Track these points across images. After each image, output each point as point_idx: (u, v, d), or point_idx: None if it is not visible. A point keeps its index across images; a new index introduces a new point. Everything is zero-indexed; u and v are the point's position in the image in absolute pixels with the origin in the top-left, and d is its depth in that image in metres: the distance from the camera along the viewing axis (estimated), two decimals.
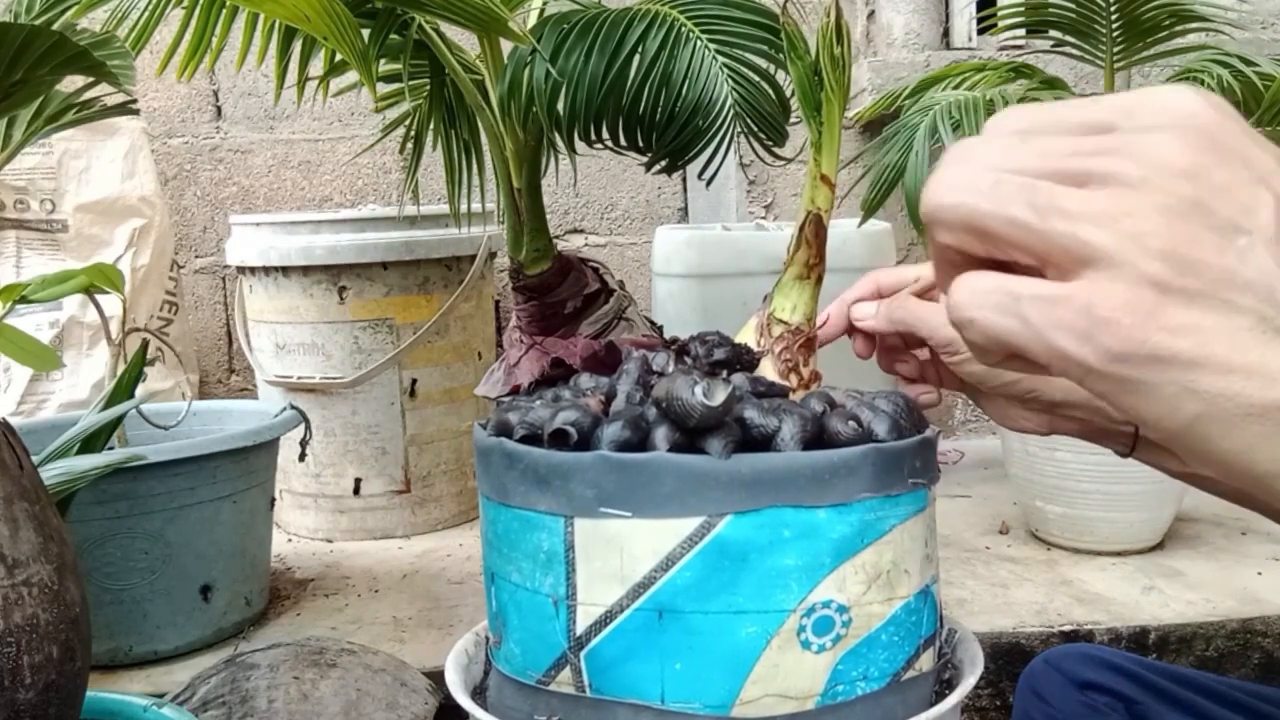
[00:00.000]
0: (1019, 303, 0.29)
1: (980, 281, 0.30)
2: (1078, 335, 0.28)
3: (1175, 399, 0.28)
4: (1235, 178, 0.29)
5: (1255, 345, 0.28)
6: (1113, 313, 0.28)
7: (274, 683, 0.92)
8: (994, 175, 0.30)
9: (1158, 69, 1.45)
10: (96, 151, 1.66)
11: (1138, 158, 0.29)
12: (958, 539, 1.41)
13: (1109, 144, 0.30)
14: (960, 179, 0.31)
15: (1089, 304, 0.28)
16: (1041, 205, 0.29)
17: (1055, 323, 0.29)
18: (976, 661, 0.47)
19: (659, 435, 0.39)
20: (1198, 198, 0.28)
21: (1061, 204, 0.29)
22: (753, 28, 0.90)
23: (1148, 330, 0.28)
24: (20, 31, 0.52)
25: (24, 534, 0.56)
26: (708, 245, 1.61)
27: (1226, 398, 0.28)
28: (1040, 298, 0.29)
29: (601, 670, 0.40)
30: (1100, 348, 0.28)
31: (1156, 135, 0.29)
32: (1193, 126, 0.29)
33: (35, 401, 1.58)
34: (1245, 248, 0.28)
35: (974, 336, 0.30)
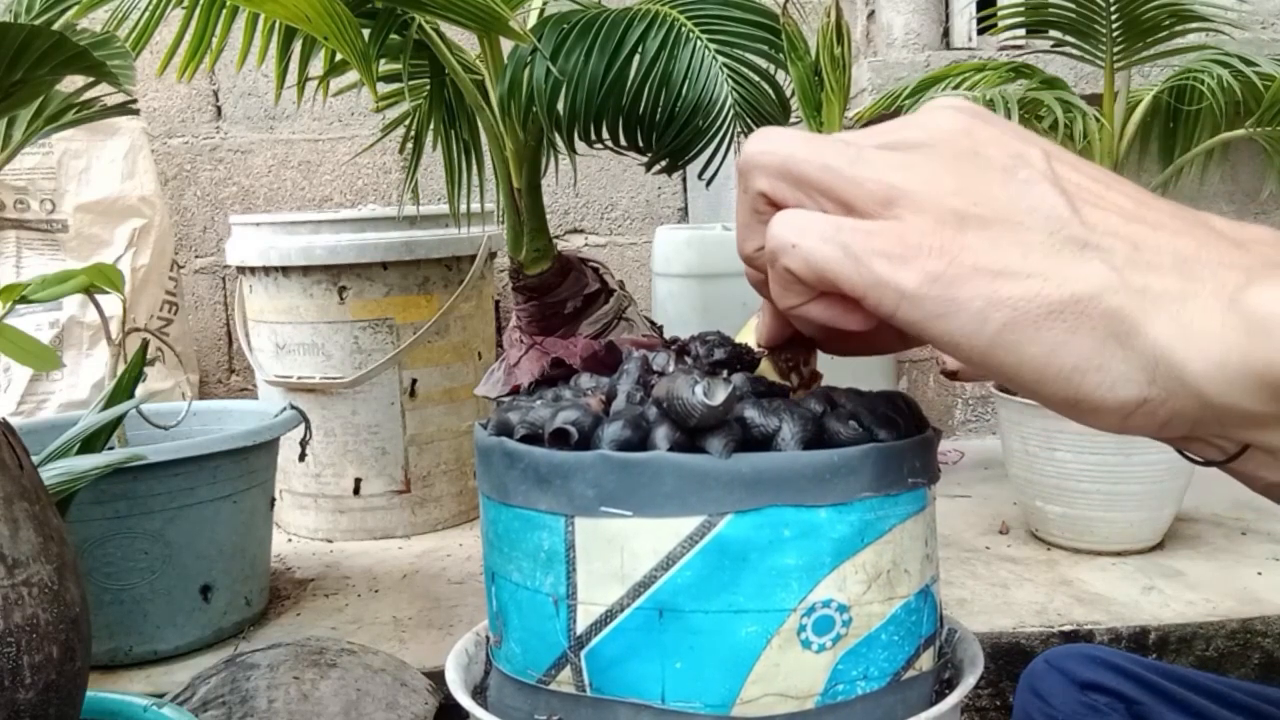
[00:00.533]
0: (840, 232, 0.32)
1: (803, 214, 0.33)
2: (894, 260, 0.31)
3: (983, 311, 0.30)
4: (1003, 134, 0.33)
5: (1047, 253, 0.30)
6: (923, 238, 0.31)
7: (274, 683, 0.92)
8: (806, 134, 0.34)
9: (1158, 69, 1.45)
10: (96, 151, 1.66)
11: (921, 126, 0.34)
12: (958, 539, 1.41)
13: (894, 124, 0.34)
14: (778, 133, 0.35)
15: (901, 234, 0.31)
16: (850, 155, 0.33)
17: (873, 250, 0.31)
18: (977, 661, 0.47)
19: (659, 435, 0.39)
20: (976, 149, 0.32)
21: (868, 156, 0.33)
22: (753, 28, 0.90)
23: (954, 250, 0.31)
24: (20, 31, 0.52)
25: (24, 534, 0.56)
26: (708, 245, 1.61)
27: (1027, 299, 0.30)
28: (859, 229, 0.32)
29: (602, 670, 0.40)
30: (916, 271, 0.31)
31: (933, 114, 0.34)
32: (960, 108, 0.34)
33: (35, 401, 1.58)
34: (1026, 179, 0.32)
35: (793, 263, 0.33)
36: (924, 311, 0.31)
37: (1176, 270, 0.30)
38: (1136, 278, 0.30)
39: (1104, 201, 0.32)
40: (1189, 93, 1.35)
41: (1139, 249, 0.30)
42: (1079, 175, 0.33)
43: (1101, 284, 0.30)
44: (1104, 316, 0.30)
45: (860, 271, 0.32)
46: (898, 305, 0.31)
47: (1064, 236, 0.31)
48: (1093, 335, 0.30)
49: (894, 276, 0.31)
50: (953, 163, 0.32)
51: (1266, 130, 1.33)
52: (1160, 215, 0.32)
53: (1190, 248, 0.31)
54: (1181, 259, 0.30)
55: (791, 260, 0.33)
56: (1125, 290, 0.30)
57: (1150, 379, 0.30)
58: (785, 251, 0.33)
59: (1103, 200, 0.32)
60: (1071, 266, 0.30)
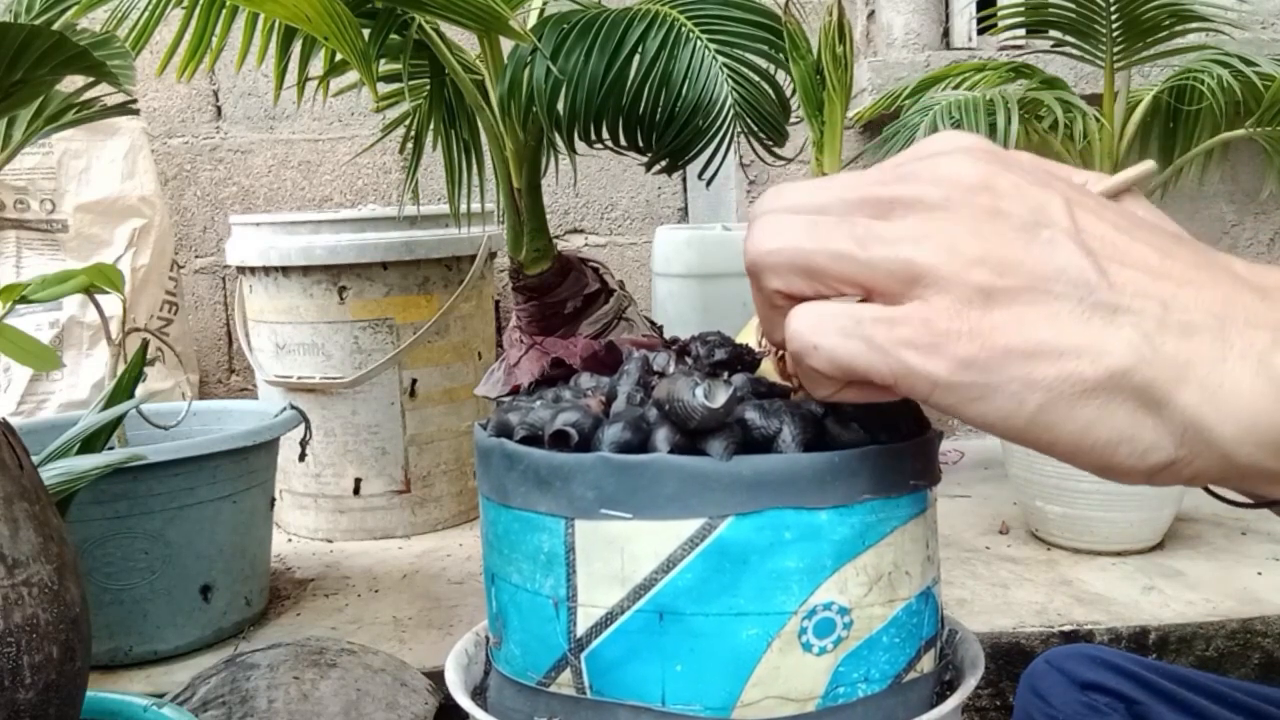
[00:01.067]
0: (861, 325, 0.31)
1: (821, 308, 0.32)
2: (923, 350, 0.30)
3: (1018, 395, 0.30)
4: (1021, 180, 0.31)
5: (1078, 325, 0.29)
6: (950, 323, 0.30)
7: (274, 683, 0.92)
8: (808, 218, 0.32)
9: (1158, 69, 1.45)
10: (96, 151, 1.66)
11: (934, 180, 0.31)
12: (958, 539, 1.41)
13: (903, 172, 0.32)
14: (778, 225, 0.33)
15: (927, 319, 0.30)
16: (860, 235, 0.31)
17: (899, 341, 0.30)
18: (977, 662, 0.47)
19: (660, 437, 0.39)
20: (996, 206, 0.31)
21: (878, 232, 0.31)
22: (753, 28, 0.90)
23: (984, 332, 0.30)
24: (20, 31, 0.52)
25: (24, 534, 0.56)
26: (708, 245, 1.61)
27: (1062, 379, 0.29)
28: (881, 319, 0.30)
29: (602, 672, 0.40)
30: (947, 358, 0.30)
31: (944, 157, 0.32)
32: (969, 149, 0.32)
33: (35, 401, 1.58)
34: (1049, 240, 0.30)
35: (819, 363, 0.32)
36: (958, 396, 0.30)
37: (1206, 330, 0.29)
38: (1168, 344, 0.29)
39: (1129, 257, 0.31)
40: (1189, 93, 1.34)
41: (1168, 308, 0.30)
42: (1102, 225, 0.31)
43: (1134, 356, 0.29)
44: (1136, 390, 0.29)
45: (889, 363, 0.30)
46: (931, 392, 0.31)
47: (1093, 303, 0.30)
48: (1124, 408, 0.30)
49: (924, 366, 0.30)
50: (972, 226, 0.31)
51: (1266, 130, 1.33)
52: (1185, 267, 0.31)
53: (1217, 303, 0.30)
54: (1210, 316, 0.30)
55: (816, 361, 0.31)
56: (1157, 361, 0.29)
57: (1179, 443, 0.30)
58: (808, 353, 0.32)
59: (1128, 255, 0.31)
60: (1103, 337, 0.29)
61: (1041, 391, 0.29)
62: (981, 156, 0.32)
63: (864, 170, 0.34)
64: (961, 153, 0.32)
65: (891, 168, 0.33)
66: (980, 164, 0.31)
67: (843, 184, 0.33)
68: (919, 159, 0.32)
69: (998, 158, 0.32)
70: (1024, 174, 0.31)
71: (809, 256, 0.32)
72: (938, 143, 0.33)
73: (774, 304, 0.33)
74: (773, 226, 0.33)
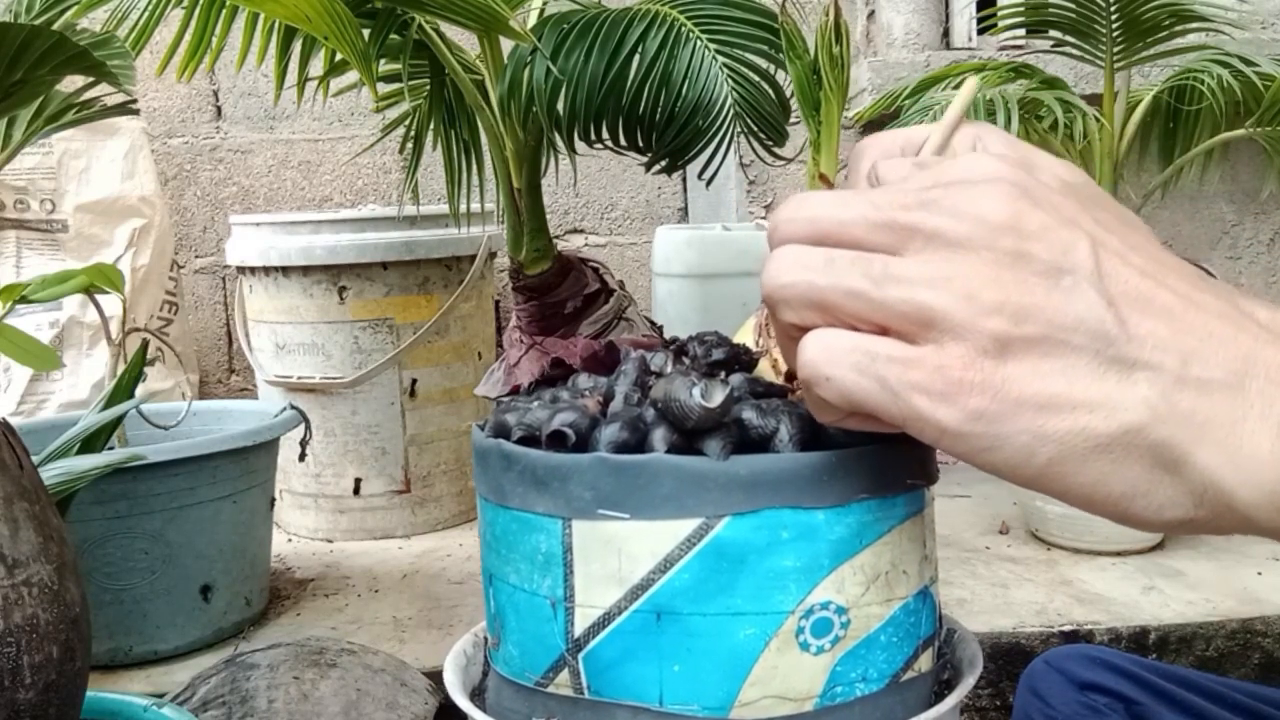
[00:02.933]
0: (875, 362, 0.30)
1: (835, 339, 0.31)
2: (935, 398, 0.30)
3: (1028, 447, 0.29)
4: (1049, 220, 0.30)
5: (1094, 379, 0.29)
6: (964, 373, 0.29)
7: (274, 683, 0.92)
8: (824, 254, 0.32)
9: (1158, 69, 1.45)
10: (96, 151, 1.66)
11: (958, 212, 0.30)
12: (958, 539, 1.41)
13: (930, 198, 0.31)
14: (794, 259, 0.32)
15: (940, 366, 0.30)
16: (876, 274, 0.31)
17: (912, 385, 0.30)
18: (976, 662, 0.47)
19: (657, 437, 0.39)
20: (1019, 247, 0.30)
21: (894, 271, 0.30)
22: (752, 28, 0.90)
23: (996, 384, 0.29)
24: (20, 31, 0.52)
25: (24, 534, 0.56)
26: (708, 245, 1.61)
27: (1074, 434, 0.29)
28: (895, 359, 0.30)
29: (600, 672, 0.40)
30: (958, 409, 0.29)
31: (973, 188, 0.31)
32: (1003, 179, 0.31)
33: (35, 401, 1.58)
34: (1070, 287, 0.29)
35: (828, 394, 0.31)
36: (968, 446, 0.30)
37: (1225, 388, 0.29)
38: (1185, 401, 0.29)
39: (1152, 305, 0.30)
40: (1189, 93, 1.34)
41: (1187, 363, 0.29)
42: (1127, 270, 0.30)
43: (1149, 413, 0.29)
44: (1151, 448, 0.29)
45: (899, 406, 0.30)
46: (939, 439, 0.30)
47: (1110, 356, 0.29)
48: (1140, 464, 0.29)
49: (935, 414, 0.30)
50: (993, 270, 0.30)
51: (1266, 130, 1.33)
52: (1209, 318, 0.30)
53: (1239, 359, 0.29)
54: (1231, 373, 0.29)
55: (827, 392, 0.31)
56: (1173, 418, 0.29)
57: (1197, 503, 0.29)
58: (819, 383, 0.31)
59: (1151, 304, 0.30)
60: (1118, 392, 0.29)
61: (1053, 445, 0.29)
62: (1012, 192, 0.31)
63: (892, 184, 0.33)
64: (993, 184, 0.31)
65: (919, 189, 0.32)
66: (1009, 202, 0.30)
67: (868, 202, 0.32)
68: (950, 183, 0.31)
69: (1029, 193, 0.31)
70: (1053, 212, 0.31)
71: (823, 294, 0.31)
72: (973, 167, 0.32)
73: (790, 335, 0.33)
74: (789, 259, 0.32)
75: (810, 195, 0.33)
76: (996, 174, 0.31)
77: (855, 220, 0.32)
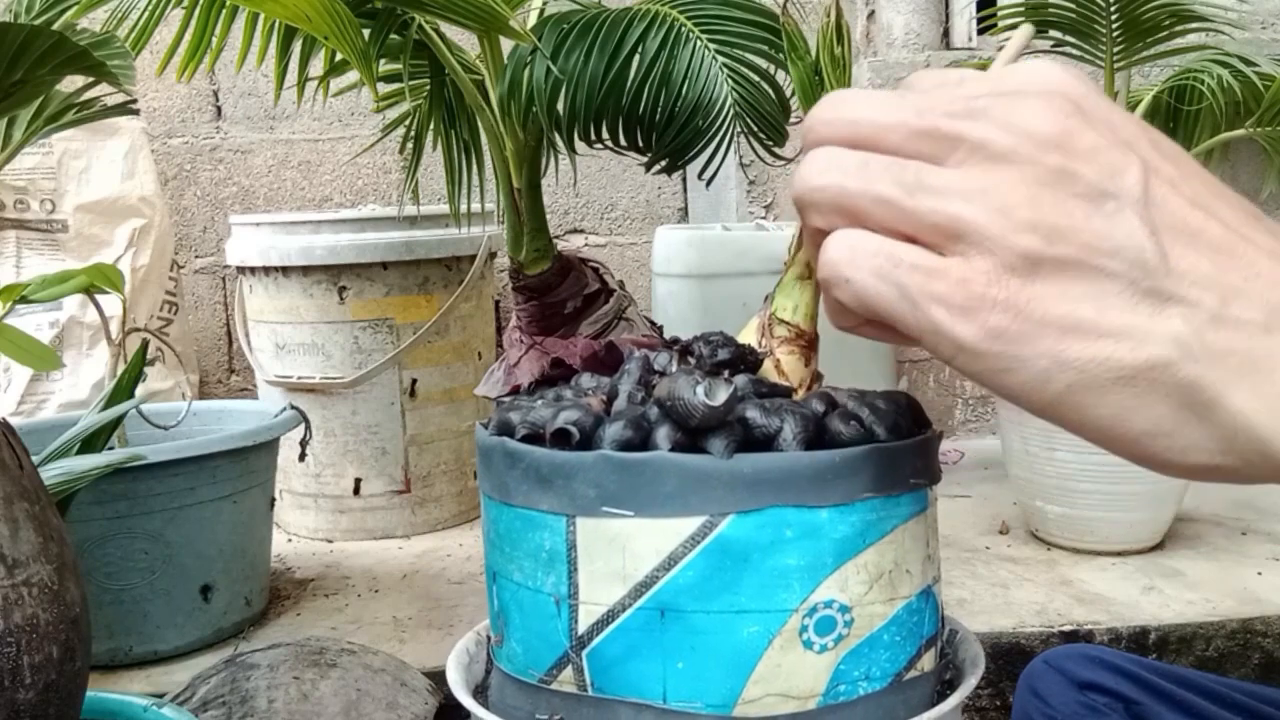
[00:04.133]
0: (898, 269, 0.29)
1: (860, 240, 0.30)
2: (954, 311, 0.28)
3: (1047, 371, 0.28)
4: (1101, 141, 0.28)
5: (1125, 308, 0.28)
6: (988, 288, 0.28)
7: (274, 683, 0.92)
8: (859, 157, 0.30)
9: (1158, 69, 1.45)
10: (96, 151, 1.66)
11: (1006, 124, 0.29)
12: (958, 539, 1.41)
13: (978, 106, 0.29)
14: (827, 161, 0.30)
15: (964, 279, 0.28)
16: (909, 182, 0.29)
17: (932, 295, 0.28)
18: (978, 662, 0.47)
19: (661, 435, 0.39)
20: (1065, 166, 0.28)
21: (928, 180, 0.29)
22: (753, 28, 0.90)
23: (1020, 303, 0.28)
24: (20, 31, 0.52)
25: (24, 534, 0.56)
26: (708, 245, 1.61)
27: (1097, 363, 0.27)
28: (919, 267, 0.29)
29: (603, 669, 0.40)
30: (977, 325, 0.28)
31: (1025, 100, 0.29)
32: (1059, 93, 0.29)
33: (35, 401, 1.58)
34: (1113, 211, 0.28)
35: (845, 297, 0.30)
36: (983, 365, 0.28)
37: (1264, 330, 0.27)
38: (1220, 340, 0.27)
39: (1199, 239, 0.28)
40: (1189, 93, 1.35)
41: (1227, 302, 0.27)
42: (1177, 198, 0.29)
43: (1179, 349, 0.27)
44: (1178, 385, 0.27)
45: (916, 316, 0.29)
46: (955, 356, 0.29)
47: (1146, 288, 0.27)
48: (1165, 403, 0.28)
49: (953, 328, 0.28)
50: (1033, 187, 0.28)
51: (1266, 130, 1.33)
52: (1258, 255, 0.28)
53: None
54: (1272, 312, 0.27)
55: (844, 294, 0.30)
56: (1205, 357, 0.27)
57: (1225, 449, 0.28)
58: (838, 285, 0.30)
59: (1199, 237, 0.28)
60: (1149, 324, 0.27)
61: (1073, 371, 0.28)
62: (1066, 107, 0.29)
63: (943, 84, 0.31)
64: (1047, 97, 0.29)
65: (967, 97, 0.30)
66: (1061, 116, 0.28)
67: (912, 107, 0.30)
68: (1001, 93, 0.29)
69: (1083, 110, 0.29)
70: (1107, 132, 0.29)
71: (853, 199, 0.30)
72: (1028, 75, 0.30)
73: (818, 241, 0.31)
74: (821, 161, 0.31)
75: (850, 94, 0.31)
76: (1055, 86, 0.29)
77: (896, 125, 0.30)
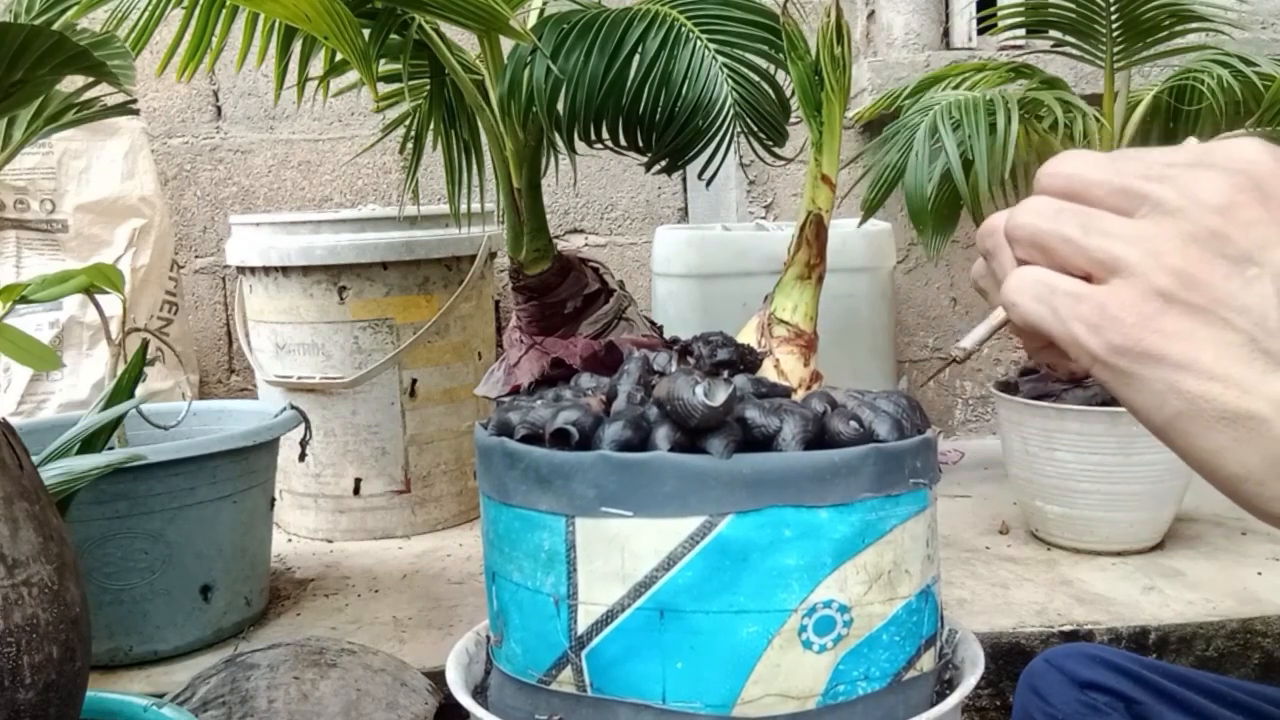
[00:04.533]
0: (1053, 294, 0.34)
1: (1028, 273, 0.36)
2: (1089, 327, 0.33)
3: (1161, 395, 0.32)
4: (1264, 217, 0.32)
5: (1239, 360, 0.31)
6: (1120, 311, 0.32)
7: (274, 683, 0.92)
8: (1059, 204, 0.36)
9: (1158, 69, 1.45)
10: (96, 151, 1.66)
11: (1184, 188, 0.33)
12: (958, 539, 1.41)
13: (1168, 173, 0.34)
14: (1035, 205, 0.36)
15: (1103, 303, 0.33)
16: (1089, 226, 0.34)
17: (1074, 314, 0.33)
18: (977, 662, 0.47)
19: (660, 435, 0.39)
20: (1221, 229, 0.32)
21: (1104, 225, 0.34)
22: (753, 28, 0.90)
23: (1145, 330, 0.32)
24: (20, 31, 0.52)
25: (24, 534, 0.56)
26: (708, 245, 1.61)
27: (1205, 400, 0.31)
28: (1069, 293, 0.34)
29: (603, 669, 0.40)
30: (1104, 340, 0.33)
31: (1209, 172, 0.33)
32: (1244, 171, 0.33)
33: (35, 401, 1.58)
34: (1253, 277, 0.32)
35: (1015, 318, 0.36)
36: (1110, 375, 0.33)
37: None
38: None
39: None
40: (1189, 93, 1.34)
41: None
42: None
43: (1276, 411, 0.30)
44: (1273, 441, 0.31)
45: (1063, 331, 0.34)
46: (1091, 366, 0.33)
47: (1264, 348, 0.31)
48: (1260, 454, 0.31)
49: (1086, 341, 0.33)
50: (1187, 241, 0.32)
51: (1266, 130, 1.33)
52: None
53: None
54: None
55: (1015, 316, 0.36)
56: None
57: None
58: (1010, 308, 0.36)
59: None
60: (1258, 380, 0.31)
61: (1183, 400, 0.31)
62: (1244, 184, 0.33)
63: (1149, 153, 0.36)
64: (1230, 173, 0.33)
65: (1166, 164, 0.34)
66: (1234, 190, 0.32)
67: (1116, 169, 0.35)
68: (1194, 164, 0.34)
69: (1262, 189, 0.33)
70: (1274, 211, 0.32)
71: (1044, 236, 0.35)
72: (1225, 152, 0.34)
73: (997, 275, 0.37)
74: (1031, 205, 0.36)
75: (1075, 155, 0.37)
76: (1243, 165, 0.33)
77: (1101, 182, 0.35)
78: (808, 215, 0.66)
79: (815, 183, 0.67)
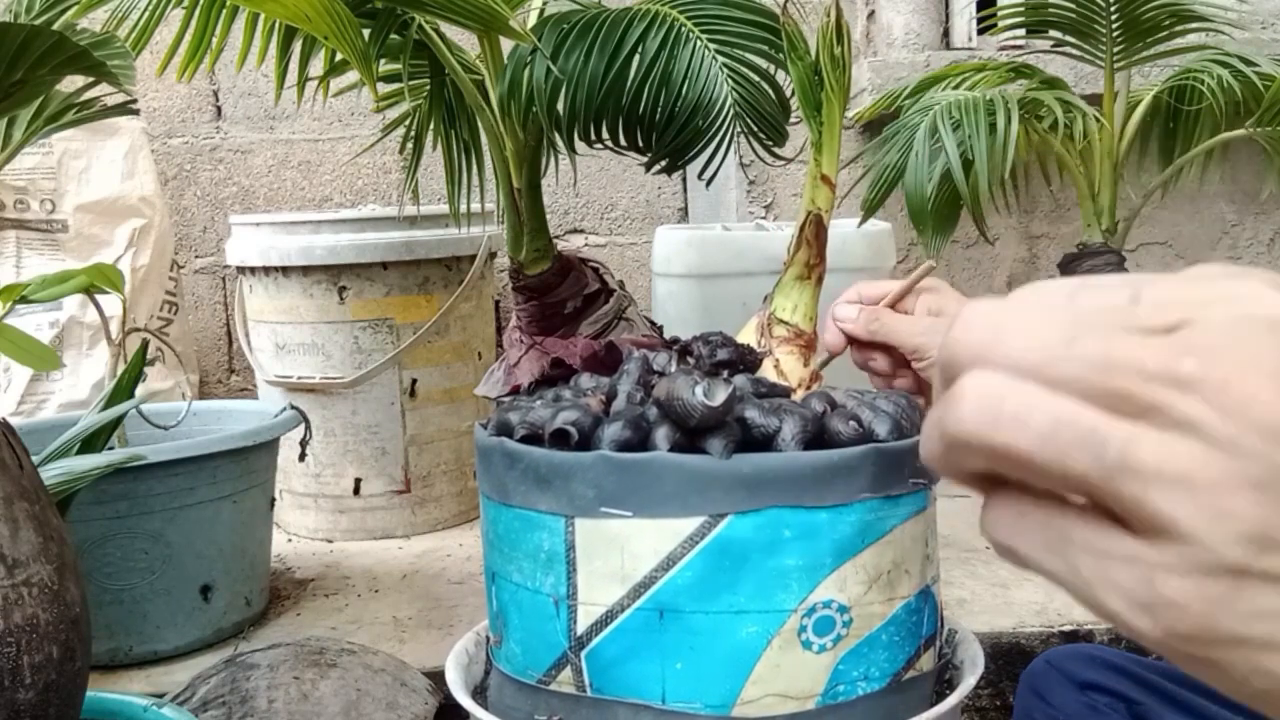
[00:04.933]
0: (1070, 548, 0.25)
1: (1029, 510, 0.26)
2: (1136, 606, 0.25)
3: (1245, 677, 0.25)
4: None
5: None
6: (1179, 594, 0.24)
7: (274, 683, 0.92)
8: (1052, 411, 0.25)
9: (1158, 69, 1.45)
10: (96, 151, 1.66)
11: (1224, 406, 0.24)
12: (958, 539, 1.41)
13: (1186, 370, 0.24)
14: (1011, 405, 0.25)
15: (1153, 579, 0.24)
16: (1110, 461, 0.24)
17: (1110, 582, 0.25)
18: (977, 662, 0.47)
19: (660, 435, 0.39)
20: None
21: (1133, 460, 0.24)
22: (753, 28, 0.90)
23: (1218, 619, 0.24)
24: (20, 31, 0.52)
25: (24, 534, 0.56)
26: (708, 245, 1.61)
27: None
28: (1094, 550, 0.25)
29: (602, 670, 0.40)
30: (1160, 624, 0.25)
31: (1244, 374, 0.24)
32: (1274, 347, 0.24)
33: (35, 401, 1.58)
34: None
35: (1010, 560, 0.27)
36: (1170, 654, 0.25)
37: None
38: None
39: None
40: (1189, 93, 1.35)
41: None
42: None
43: None
44: None
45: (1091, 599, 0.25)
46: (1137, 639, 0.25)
47: None
48: None
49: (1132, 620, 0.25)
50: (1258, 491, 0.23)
51: (1266, 130, 1.33)
52: None
53: None
54: None
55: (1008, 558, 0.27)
56: None
57: None
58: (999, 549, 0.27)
59: None
60: None
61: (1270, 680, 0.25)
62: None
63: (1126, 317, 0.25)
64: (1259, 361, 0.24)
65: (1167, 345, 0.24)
66: None
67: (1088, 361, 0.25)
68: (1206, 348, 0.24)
69: None
70: None
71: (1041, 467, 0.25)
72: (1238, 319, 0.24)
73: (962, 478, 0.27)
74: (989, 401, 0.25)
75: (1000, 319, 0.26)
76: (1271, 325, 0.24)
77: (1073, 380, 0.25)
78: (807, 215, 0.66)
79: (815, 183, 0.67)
